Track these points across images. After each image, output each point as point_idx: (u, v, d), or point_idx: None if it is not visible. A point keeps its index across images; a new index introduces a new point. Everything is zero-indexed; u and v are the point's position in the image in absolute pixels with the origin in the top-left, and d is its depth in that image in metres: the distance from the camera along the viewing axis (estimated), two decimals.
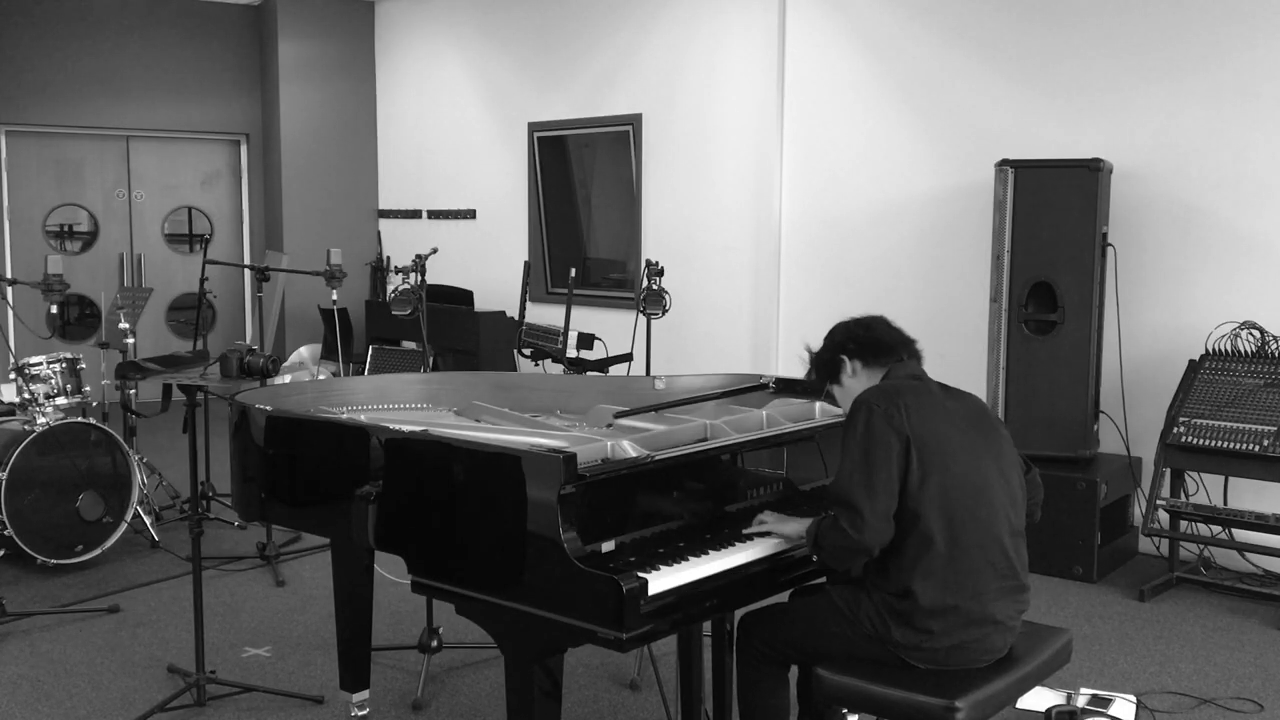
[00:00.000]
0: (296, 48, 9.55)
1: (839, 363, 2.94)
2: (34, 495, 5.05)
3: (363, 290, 9.72)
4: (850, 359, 2.92)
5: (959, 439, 2.72)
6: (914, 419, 2.66)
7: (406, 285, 4.64)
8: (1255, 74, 5.31)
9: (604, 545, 2.54)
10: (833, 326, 3.01)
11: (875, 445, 2.64)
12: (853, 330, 2.94)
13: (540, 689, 2.56)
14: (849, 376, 2.92)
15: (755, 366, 7.10)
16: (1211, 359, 5.16)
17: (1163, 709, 3.86)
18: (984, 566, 2.67)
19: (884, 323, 2.96)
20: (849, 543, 2.63)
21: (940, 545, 2.63)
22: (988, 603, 2.67)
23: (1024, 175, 5.36)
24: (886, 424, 2.65)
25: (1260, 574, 5.14)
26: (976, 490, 2.68)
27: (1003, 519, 2.72)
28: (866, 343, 2.91)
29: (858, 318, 2.98)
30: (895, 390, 2.75)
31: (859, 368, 2.91)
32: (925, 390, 2.80)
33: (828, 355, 2.97)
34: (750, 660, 2.90)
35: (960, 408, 2.82)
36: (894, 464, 2.63)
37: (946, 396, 2.83)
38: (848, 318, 3.00)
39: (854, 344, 2.92)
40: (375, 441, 2.90)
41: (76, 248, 9.58)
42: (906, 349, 2.91)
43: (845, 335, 2.95)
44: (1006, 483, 2.78)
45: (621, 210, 8.21)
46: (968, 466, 2.69)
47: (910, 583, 2.64)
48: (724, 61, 7.31)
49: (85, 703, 3.89)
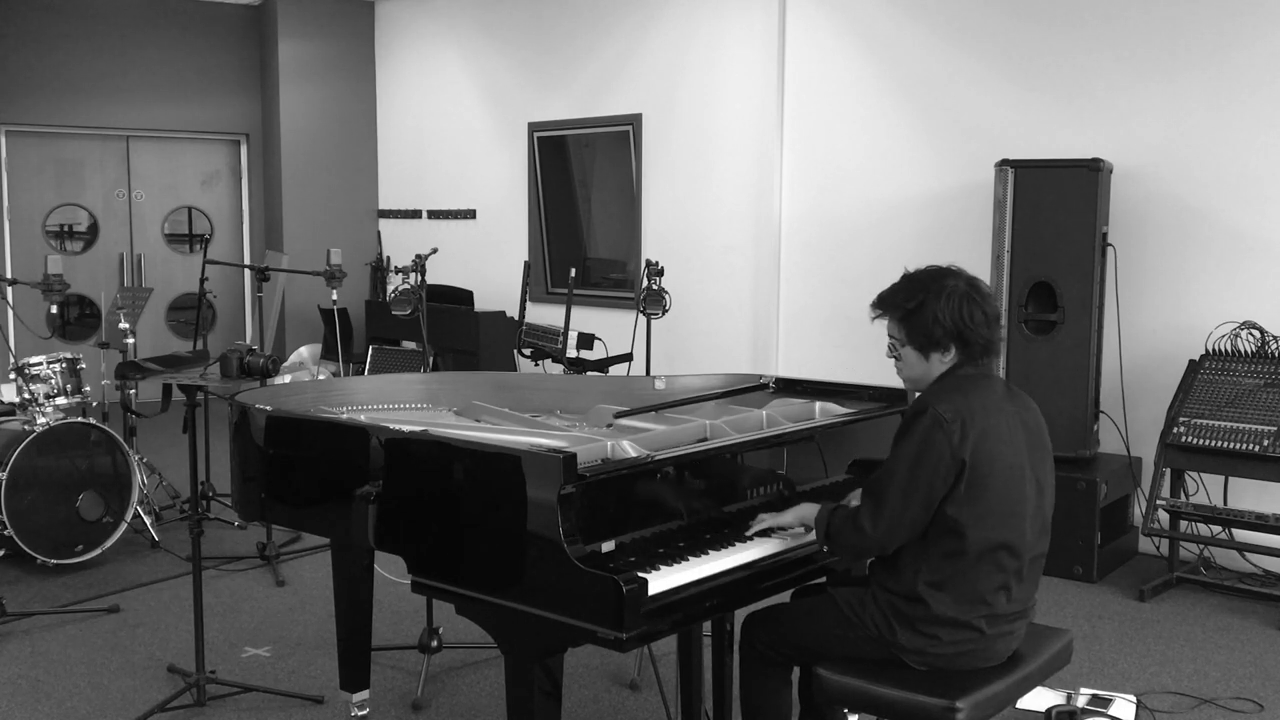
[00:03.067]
0: (296, 48, 9.55)
1: (943, 346, 2.67)
2: (34, 495, 5.05)
3: (363, 290, 9.72)
4: (953, 347, 2.66)
5: (1011, 457, 2.63)
6: (974, 433, 2.57)
7: (406, 285, 4.64)
8: (1256, 74, 5.31)
9: (604, 545, 2.54)
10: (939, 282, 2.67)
11: (927, 460, 2.57)
12: (968, 315, 2.63)
13: (540, 689, 2.56)
14: (937, 359, 2.69)
15: (755, 366, 7.10)
16: (1211, 359, 5.16)
17: (1163, 709, 3.86)
18: (999, 588, 2.65)
19: (995, 318, 2.69)
20: (860, 539, 2.63)
21: (965, 560, 2.61)
22: (995, 622, 2.67)
23: (1024, 175, 5.36)
24: (946, 443, 2.56)
25: (1260, 574, 5.14)
26: (1015, 516, 2.64)
27: (1030, 542, 2.69)
28: (979, 344, 2.66)
29: (972, 292, 2.65)
30: (965, 403, 2.60)
31: (948, 359, 2.68)
32: (989, 393, 2.67)
33: (939, 332, 2.65)
34: (752, 660, 2.90)
35: (1020, 416, 2.71)
36: (939, 482, 2.57)
37: (1009, 399, 2.73)
38: (961, 277, 2.68)
39: (968, 332, 2.63)
40: (375, 441, 2.90)
41: (76, 248, 9.58)
42: (997, 345, 2.72)
43: (959, 318, 2.63)
44: (1040, 507, 2.73)
45: (621, 210, 8.20)
46: (1014, 492, 2.64)
47: (923, 588, 2.62)
48: (724, 61, 7.31)
49: (85, 703, 3.89)
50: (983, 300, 2.68)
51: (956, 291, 2.66)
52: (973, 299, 2.66)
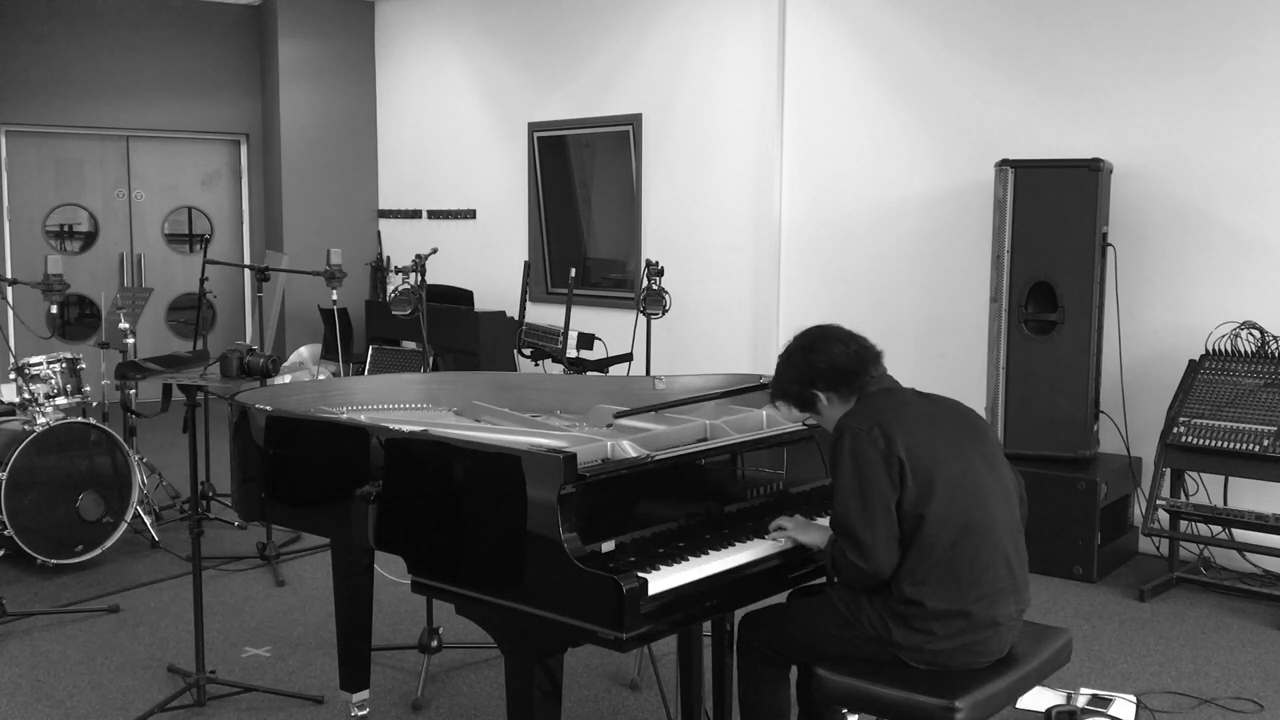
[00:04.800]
0: (296, 48, 9.55)
1: (812, 398, 2.84)
2: (34, 495, 5.05)
3: (363, 290, 9.72)
4: (822, 392, 2.83)
5: (945, 445, 2.70)
6: (898, 436, 2.64)
7: (406, 285, 4.64)
8: (1256, 74, 5.31)
9: (604, 545, 2.54)
10: (786, 353, 2.89)
11: (866, 473, 2.62)
12: (813, 362, 2.82)
13: (540, 689, 2.56)
14: (825, 407, 2.84)
15: (755, 366, 7.09)
16: (1211, 359, 5.16)
17: (1163, 709, 3.86)
18: (984, 568, 2.67)
19: (839, 342, 2.84)
20: (860, 575, 2.66)
21: (941, 550, 2.63)
22: (989, 605, 2.67)
23: (1024, 175, 5.36)
24: (873, 448, 2.63)
25: (1260, 574, 5.14)
26: (971, 492, 2.68)
27: (999, 517, 2.72)
28: (831, 373, 2.81)
29: (809, 343, 2.86)
30: (875, 411, 2.71)
31: (833, 398, 2.82)
32: (903, 401, 2.78)
33: (797, 391, 2.86)
34: (751, 661, 2.90)
35: (940, 412, 2.81)
36: (887, 488, 2.62)
37: (924, 403, 2.82)
38: (797, 341, 2.88)
39: (821, 378, 2.82)
40: (375, 441, 2.90)
41: (76, 248, 9.58)
42: (872, 362, 2.83)
43: (808, 370, 2.83)
44: (998, 479, 2.78)
45: (621, 210, 8.21)
46: (960, 470, 2.68)
47: (912, 589, 2.64)
48: (724, 61, 7.31)
49: (85, 703, 3.89)
50: (810, 346, 2.85)
51: (789, 356, 2.88)
52: (801, 351, 2.85)
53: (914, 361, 6.09)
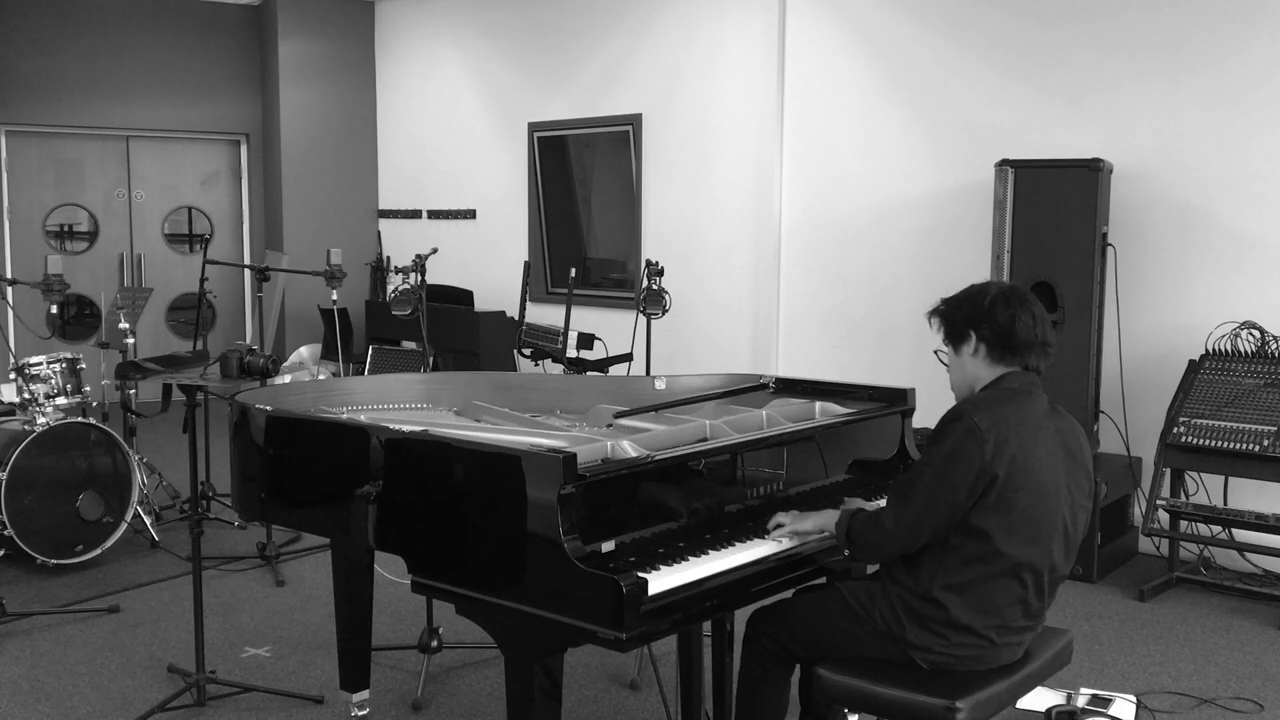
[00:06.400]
0: (296, 48, 9.55)
1: (966, 335, 2.72)
2: (34, 495, 5.05)
3: (363, 290, 9.72)
4: (979, 340, 2.70)
5: (1046, 475, 2.62)
6: (1009, 449, 2.56)
7: (406, 285, 4.64)
8: (1255, 74, 5.31)
9: (604, 545, 2.54)
10: (980, 287, 2.76)
11: (956, 468, 2.57)
12: (997, 311, 2.68)
13: (540, 689, 2.56)
14: (969, 354, 2.73)
15: (755, 366, 7.10)
16: (1211, 359, 5.16)
17: (1163, 709, 3.86)
18: (1015, 602, 2.65)
19: (1032, 317, 2.69)
20: (879, 537, 2.64)
21: (989, 576, 2.61)
22: (1010, 635, 2.68)
23: (1024, 175, 5.36)
24: (977, 452, 2.55)
25: (1260, 574, 5.14)
26: (1041, 529, 2.62)
27: (1055, 560, 2.68)
28: (1003, 334, 2.67)
29: (1009, 295, 2.71)
30: (1002, 415, 2.60)
31: (983, 352, 2.70)
32: (1031, 408, 2.67)
33: (961, 319, 2.73)
34: (756, 658, 2.90)
35: (1059, 434, 2.71)
36: (967, 492, 2.56)
37: (1052, 417, 2.72)
38: (1002, 287, 2.75)
39: (990, 329, 2.68)
40: (375, 441, 2.90)
41: (76, 248, 9.58)
42: (1037, 355, 2.70)
43: (988, 313, 2.69)
44: (1071, 529, 2.71)
45: (621, 210, 8.20)
46: (1042, 505, 2.62)
47: (942, 593, 2.62)
48: (724, 61, 7.31)
49: (85, 703, 3.89)
50: (1009, 299, 2.70)
51: (986, 291, 2.74)
52: (1002, 298, 2.70)
53: (914, 362, 6.08)
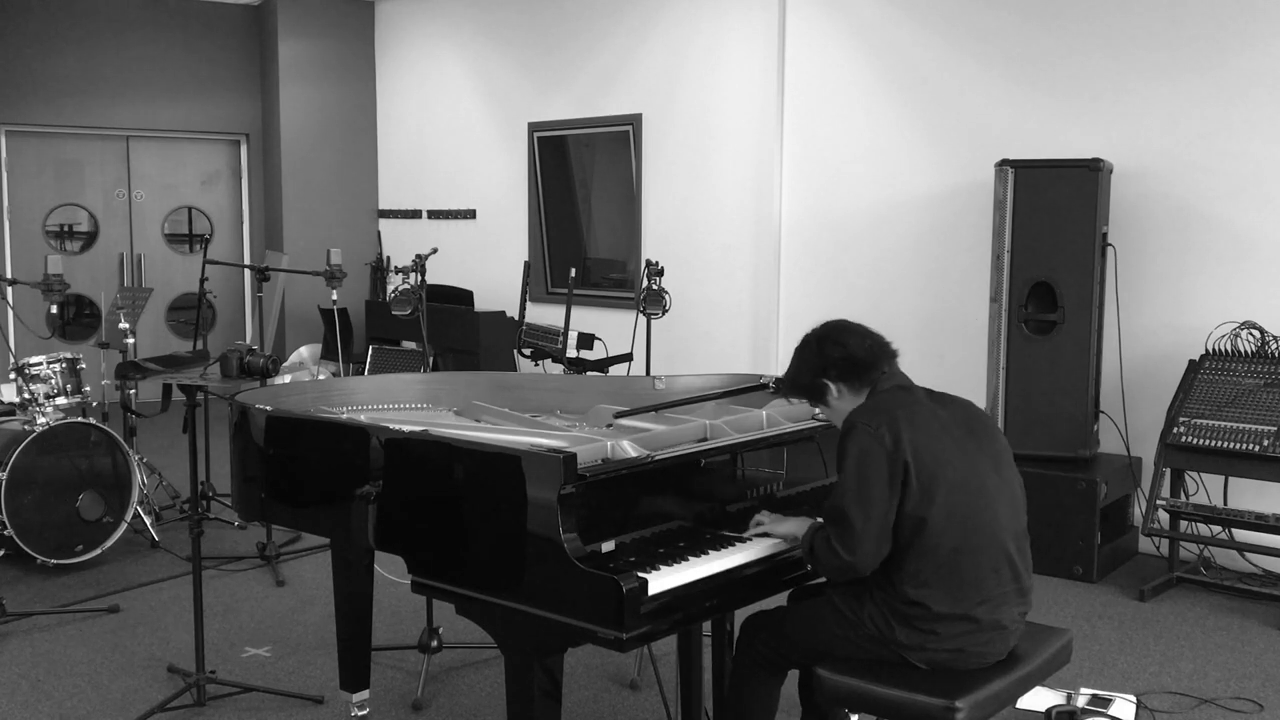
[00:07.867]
0: (296, 48, 9.55)
1: (823, 387, 2.82)
2: (34, 495, 5.05)
3: (363, 290, 9.71)
4: (833, 382, 2.81)
5: (954, 447, 2.70)
6: (906, 436, 2.63)
7: (406, 285, 4.64)
8: (1256, 74, 5.31)
9: (604, 545, 2.54)
10: (802, 343, 2.88)
11: (869, 467, 2.62)
12: (827, 352, 2.81)
13: (540, 689, 2.56)
14: (835, 399, 2.82)
15: (755, 366, 7.10)
16: (1211, 359, 5.16)
17: (1163, 709, 3.86)
18: (989, 573, 2.67)
19: (856, 335, 2.83)
20: (841, 563, 2.64)
21: (944, 553, 2.63)
22: (993, 609, 2.67)
23: (1024, 175, 5.36)
24: (879, 445, 2.62)
25: (1260, 574, 5.14)
26: (976, 496, 2.67)
27: (1005, 522, 2.72)
28: (845, 364, 2.79)
29: (826, 333, 2.84)
30: (885, 408, 2.70)
31: (844, 389, 2.81)
32: (914, 401, 2.76)
33: (808, 380, 2.84)
34: (749, 662, 2.90)
35: (951, 414, 2.79)
36: (888, 485, 2.61)
37: (936, 404, 2.80)
38: (814, 332, 2.86)
39: (835, 368, 2.80)
40: (375, 441, 2.90)
41: (76, 248, 9.58)
42: (886, 358, 2.82)
43: (821, 359, 2.81)
44: (1006, 484, 2.77)
45: (621, 210, 8.21)
46: (966, 473, 2.68)
47: (916, 591, 2.64)
48: (724, 61, 7.31)
49: (85, 703, 3.89)
50: (828, 335, 2.84)
51: (807, 343, 2.87)
52: (823, 339, 2.83)
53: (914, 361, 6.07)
